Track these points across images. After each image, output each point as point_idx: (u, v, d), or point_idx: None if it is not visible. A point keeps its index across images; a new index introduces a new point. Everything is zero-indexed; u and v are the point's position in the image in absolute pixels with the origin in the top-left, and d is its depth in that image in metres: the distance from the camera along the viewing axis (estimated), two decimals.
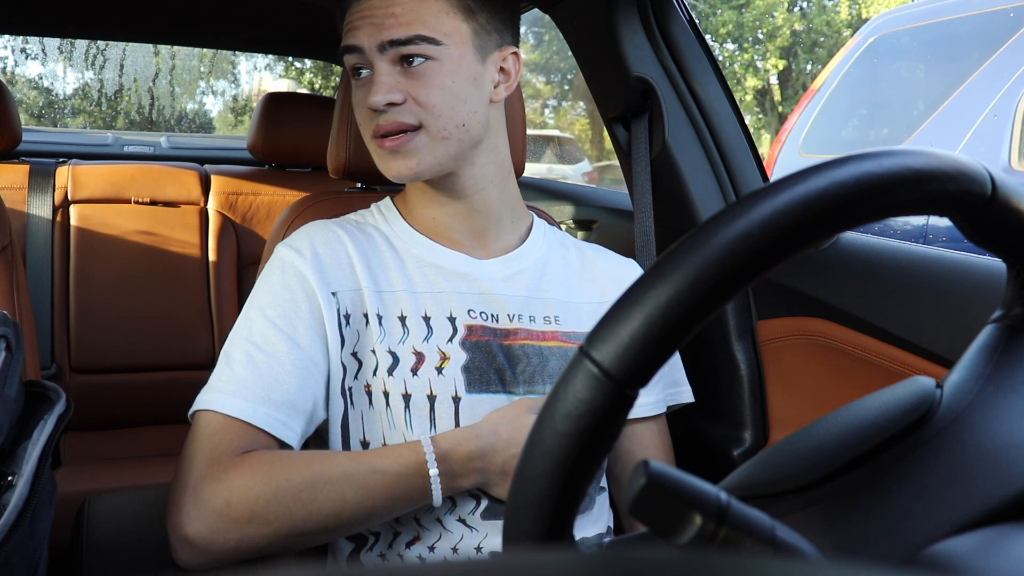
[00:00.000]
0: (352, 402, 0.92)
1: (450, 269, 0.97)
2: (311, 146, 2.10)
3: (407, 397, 0.90)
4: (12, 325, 0.76)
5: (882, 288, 1.06)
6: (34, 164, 2.08)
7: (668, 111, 1.26)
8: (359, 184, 1.23)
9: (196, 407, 0.86)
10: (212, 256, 2.08)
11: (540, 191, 2.01)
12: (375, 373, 0.91)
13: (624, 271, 1.07)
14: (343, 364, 0.92)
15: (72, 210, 2.02)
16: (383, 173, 0.94)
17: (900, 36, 3.44)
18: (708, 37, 2.22)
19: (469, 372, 0.92)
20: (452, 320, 0.94)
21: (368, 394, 0.91)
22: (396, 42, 0.88)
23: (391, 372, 0.91)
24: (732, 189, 1.26)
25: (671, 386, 1.07)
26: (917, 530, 0.43)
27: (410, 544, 0.90)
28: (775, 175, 2.89)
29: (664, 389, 1.06)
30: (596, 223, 1.74)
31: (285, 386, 0.86)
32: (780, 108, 13.08)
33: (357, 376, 0.92)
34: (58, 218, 2.01)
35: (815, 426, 0.52)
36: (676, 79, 1.26)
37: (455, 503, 0.90)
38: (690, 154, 1.26)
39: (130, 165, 2.15)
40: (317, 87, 10.58)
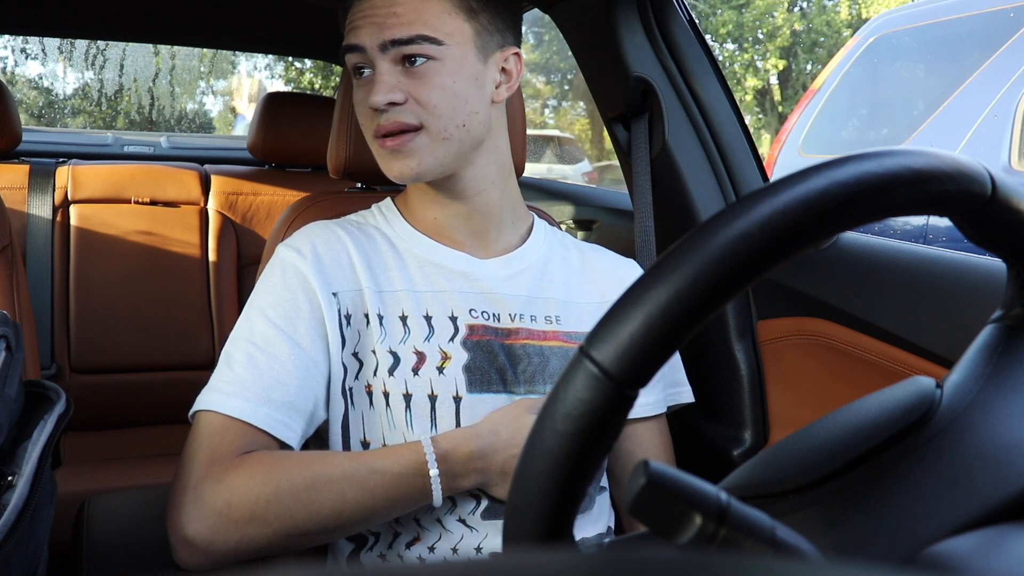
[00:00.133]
0: (352, 402, 0.92)
1: (452, 268, 0.97)
2: (311, 146, 2.10)
3: (408, 397, 0.90)
4: (12, 325, 0.76)
5: (882, 288, 1.06)
6: (34, 164, 2.08)
7: (668, 111, 1.26)
8: (359, 184, 1.23)
9: (196, 407, 0.86)
10: (212, 256, 2.08)
11: (540, 191, 2.01)
12: (375, 373, 0.91)
13: (625, 271, 1.07)
14: (344, 364, 0.92)
15: (72, 210, 2.02)
16: (385, 173, 0.94)
17: (900, 36, 3.44)
18: (708, 37, 2.21)
19: (470, 372, 0.92)
20: (453, 319, 0.94)
21: (368, 394, 0.91)
22: (398, 42, 0.88)
23: (392, 372, 0.91)
24: (732, 189, 1.26)
25: (671, 386, 1.07)
26: (917, 530, 0.43)
27: (410, 544, 0.90)
28: (775, 175, 2.89)
29: (665, 389, 1.06)
30: (596, 223, 1.74)
31: (286, 387, 0.86)
32: (780, 108, 13.07)
33: (358, 376, 0.92)
34: (58, 218, 2.01)
35: (815, 426, 0.52)
36: (676, 79, 1.26)
37: (455, 503, 0.90)
38: (690, 154, 1.26)
39: (130, 165, 2.15)
40: (317, 87, 10.57)
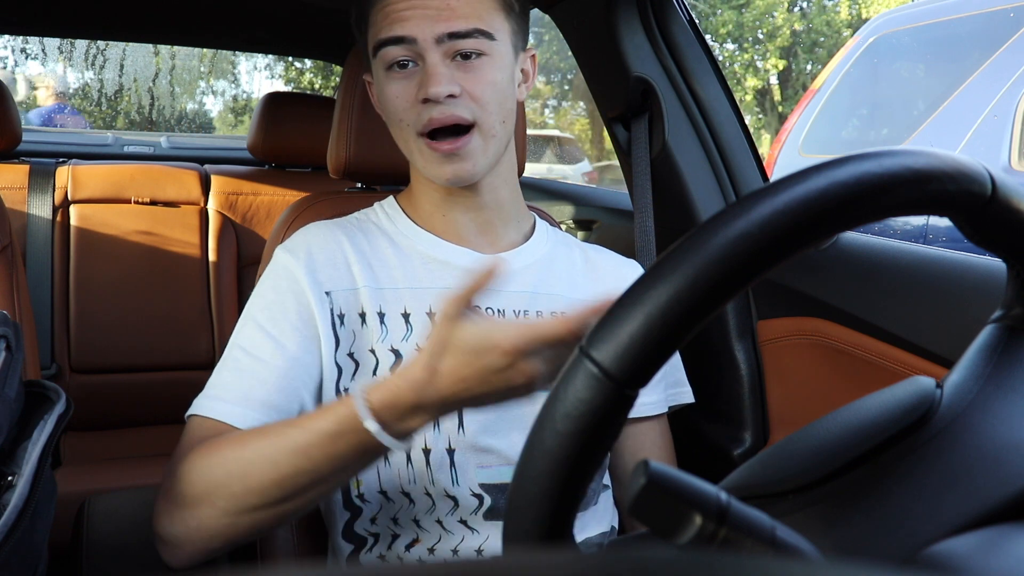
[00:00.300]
0: None
1: (456, 264, 0.97)
2: (311, 146, 2.10)
3: None
4: (12, 325, 0.76)
5: (882, 288, 1.06)
6: (34, 164, 2.08)
7: (668, 111, 1.26)
8: (359, 184, 1.23)
9: (187, 413, 0.87)
10: (212, 256, 2.08)
11: (540, 191, 2.01)
12: (375, 373, 0.91)
13: (627, 271, 1.07)
14: (338, 365, 0.91)
15: (72, 210, 2.02)
16: (430, 176, 0.92)
17: (900, 36, 3.44)
18: (708, 37, 2.21)
19: None
20: None
21: None
22: (456, 35, 0.88)
23: (393, 371, 0.90)
24: (732, 189, 1.26)
25: (672, 386, 1.07)
26: (917, 530, 0.43)
27: (410, 546, 0.90)
28: (775, 175, 2.88)
29: (666, 389, 1.06)
30: (596, 223, 1.74)
31: (266, 385, 0.86)
32: (780, 108, 13.07)
33: (354, 377, 0.91)
34: (58, 218, 2.01)
35: (815, 426, 0.52)
36: (676, 79, 1.26)
37: (457, 504, 0.90)
38: (690, 154, 1.26)
39: (130, 165, 2.15)
40: (317, 87, 10.57)
